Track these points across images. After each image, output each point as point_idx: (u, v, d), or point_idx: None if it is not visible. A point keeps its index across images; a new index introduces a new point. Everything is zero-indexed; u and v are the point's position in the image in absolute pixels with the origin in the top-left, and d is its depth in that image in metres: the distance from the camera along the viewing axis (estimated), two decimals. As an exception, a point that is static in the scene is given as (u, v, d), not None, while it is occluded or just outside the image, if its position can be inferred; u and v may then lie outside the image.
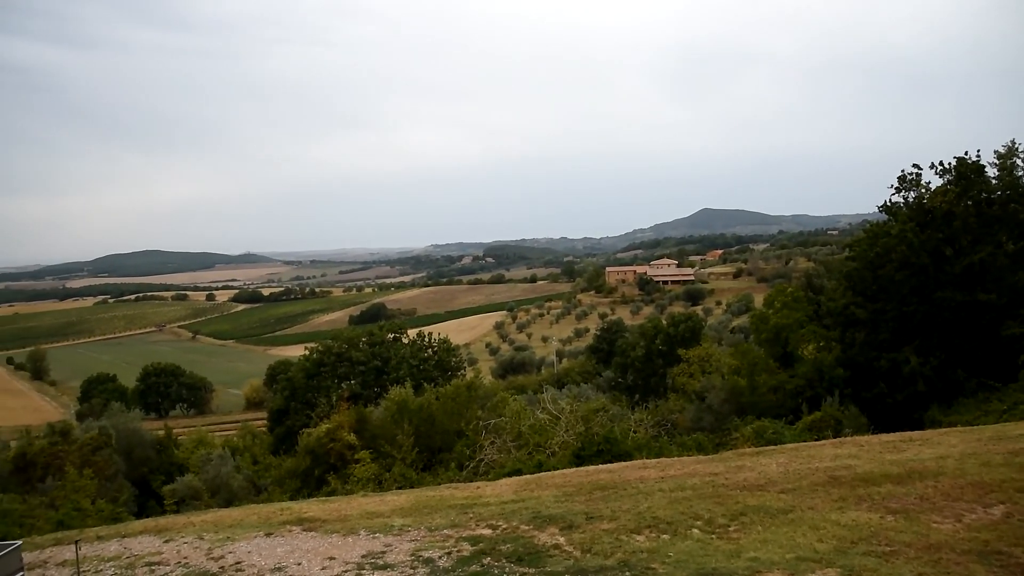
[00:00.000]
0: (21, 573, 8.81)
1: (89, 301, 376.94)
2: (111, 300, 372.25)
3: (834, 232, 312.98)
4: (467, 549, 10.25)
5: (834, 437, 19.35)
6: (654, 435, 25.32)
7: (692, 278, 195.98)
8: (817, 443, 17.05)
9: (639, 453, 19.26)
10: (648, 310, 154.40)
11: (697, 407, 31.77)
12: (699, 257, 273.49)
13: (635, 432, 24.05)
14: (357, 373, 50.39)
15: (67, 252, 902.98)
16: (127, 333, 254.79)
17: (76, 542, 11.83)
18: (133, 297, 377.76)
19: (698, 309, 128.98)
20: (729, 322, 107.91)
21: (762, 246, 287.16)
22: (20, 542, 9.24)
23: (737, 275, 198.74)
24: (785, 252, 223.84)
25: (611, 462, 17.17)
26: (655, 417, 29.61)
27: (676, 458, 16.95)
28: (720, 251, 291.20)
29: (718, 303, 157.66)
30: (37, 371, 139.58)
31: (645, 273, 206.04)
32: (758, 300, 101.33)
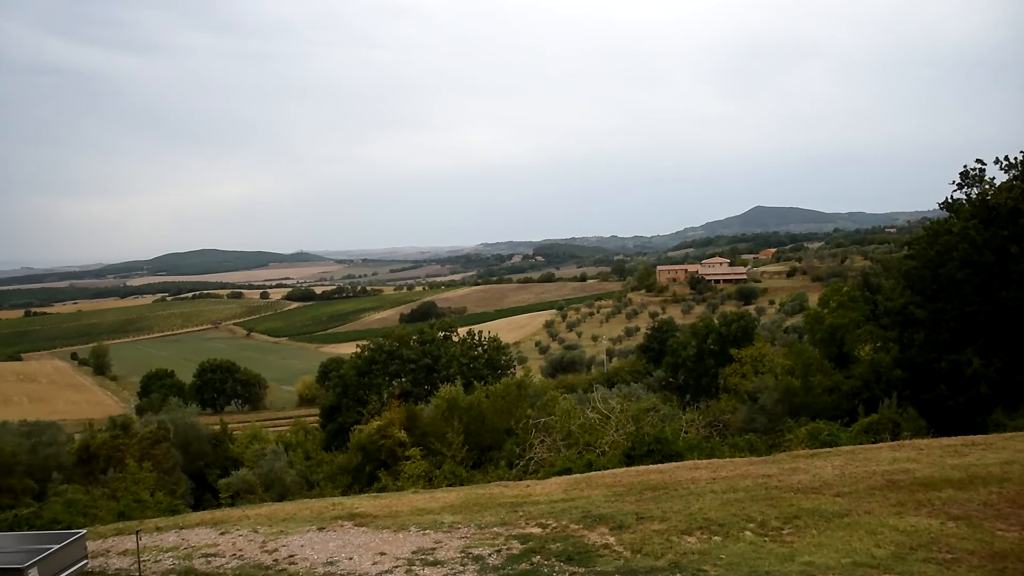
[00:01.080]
0: (85, 561, 9.09)
1: (148, 299, 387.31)
2: (169, 298, 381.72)
3: (892, 230, 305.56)
4: (517, 547, 10.25)
5: (892, 440, 18.90)
6: (705, 436, 25.06)
7: (744, 277, 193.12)
8: (874, 446, 16.67)
9: (690, 454, 19.06)
10: (699, 309, 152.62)
11: (749, 408, 31.37)
12: (752, 256, 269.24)
13: (686, 432, 23.82)
14: (408, 371, 50.86)
15: (128, 251, 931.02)
16: (184, 330, 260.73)
17: (137, 532, 12.15)
18: (190, 295, 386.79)
19: (751, 308, 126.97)
20: (783, 322, 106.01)
21: (817, 244, 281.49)
22: (84, 531, 9.53)
23: (791, 274, 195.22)
24: (841, 251, 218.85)
25: (662, 462, 17.03)
26: (706, 418, 29.31)
27: (728, 459, 16.74)
28: (773, 249, 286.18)
29: (771, 302, 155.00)
30: (99, 366, 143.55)
31: (696, 272, 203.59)
32: (812, 299, 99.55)
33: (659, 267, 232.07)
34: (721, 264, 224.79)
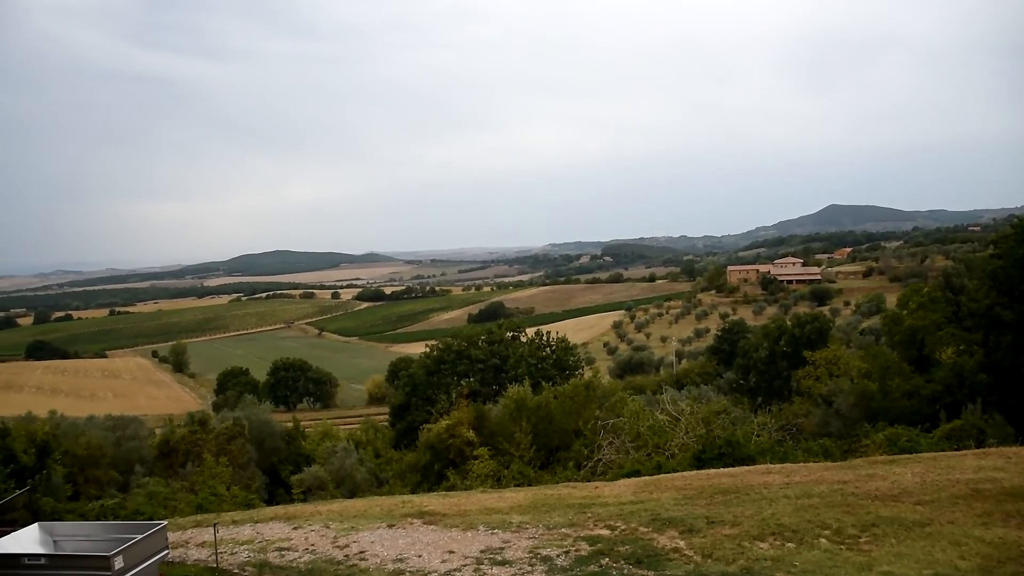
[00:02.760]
0: (166, 551, 9.41)
1: (224, 299, 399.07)
2: (244, 298, 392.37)
3: (976, 228, 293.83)
4: (585, 549, 10.20)
5: (976, 447, 18.18)
6: (778, 439, 24.48)
7: (818, 277, 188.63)
8: (957, 453, 16.06)
9: (762, 457, 18.67)
10: (771, 310, 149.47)
11: (824, 411, 30.60)
12: (826, 255, 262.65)
13: (758, 436, 23.29)
14: (476, 371, 51.02)
15: (205, 253, 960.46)
16: (259, 329, 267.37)
17: (214, 525, 12.52)
18: (264, 295, 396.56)
19: (825, 310, 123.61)
20: (858, 323, 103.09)
21: (895, 244, 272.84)
22: (165, 523, 9.86)
23: (867, 274, 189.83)
24: (920, 250, 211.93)
25: (733, 466, 16.76)
26: (779, 421, 28.60)
27: (801, 464, 16.37)
28: (849, 249, 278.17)
29: (846, 303, 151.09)
30: (178, 364, 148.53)
31: (768, 272, 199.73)
32: (890, 301, 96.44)
33: (730, 267, 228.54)
34: (794, 264, 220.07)
